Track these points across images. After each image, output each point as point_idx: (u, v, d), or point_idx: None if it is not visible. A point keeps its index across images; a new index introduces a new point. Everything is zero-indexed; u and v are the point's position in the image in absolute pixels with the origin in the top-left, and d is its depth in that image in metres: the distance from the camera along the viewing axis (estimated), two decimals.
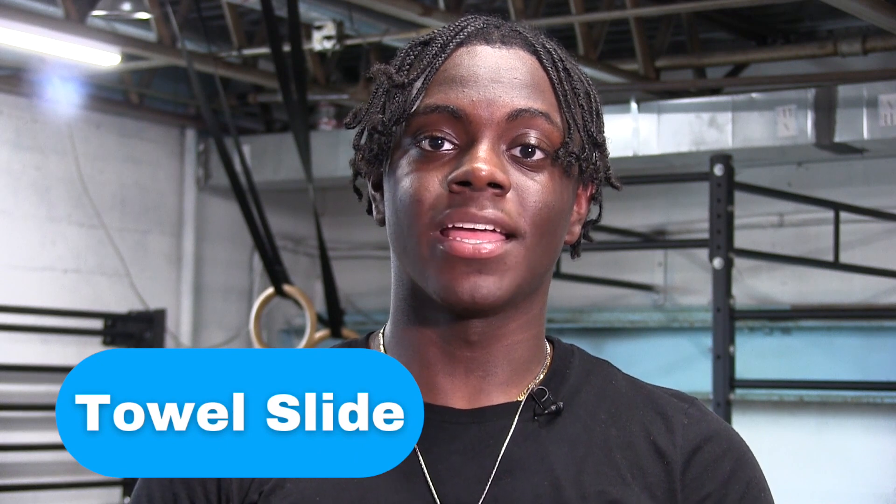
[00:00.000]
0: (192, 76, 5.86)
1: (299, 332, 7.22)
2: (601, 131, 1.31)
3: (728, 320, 5.07)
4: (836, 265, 5.90)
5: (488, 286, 1.22)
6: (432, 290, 1.23)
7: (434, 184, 1.23)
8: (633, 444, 1.28)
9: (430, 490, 1.24)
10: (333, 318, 6.06)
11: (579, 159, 1.27)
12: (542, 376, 1.31)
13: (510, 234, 1.23)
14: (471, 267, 1.21)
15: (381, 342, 1.33)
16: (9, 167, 6.82)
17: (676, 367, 6.90)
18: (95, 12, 6.07)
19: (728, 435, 1.32)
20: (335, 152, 7.17)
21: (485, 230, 1.21)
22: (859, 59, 6.14)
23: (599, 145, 1.31)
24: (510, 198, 1.23)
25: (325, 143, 7.22)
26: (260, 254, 6.23)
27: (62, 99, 6.86)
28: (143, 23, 6.34)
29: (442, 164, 1.24)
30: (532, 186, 1.24)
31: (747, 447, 1.32)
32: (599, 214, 1.37)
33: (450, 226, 1.22)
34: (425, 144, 1.24)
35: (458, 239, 1.21)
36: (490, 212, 1.21)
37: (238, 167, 6.04)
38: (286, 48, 5.59)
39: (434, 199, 1.23)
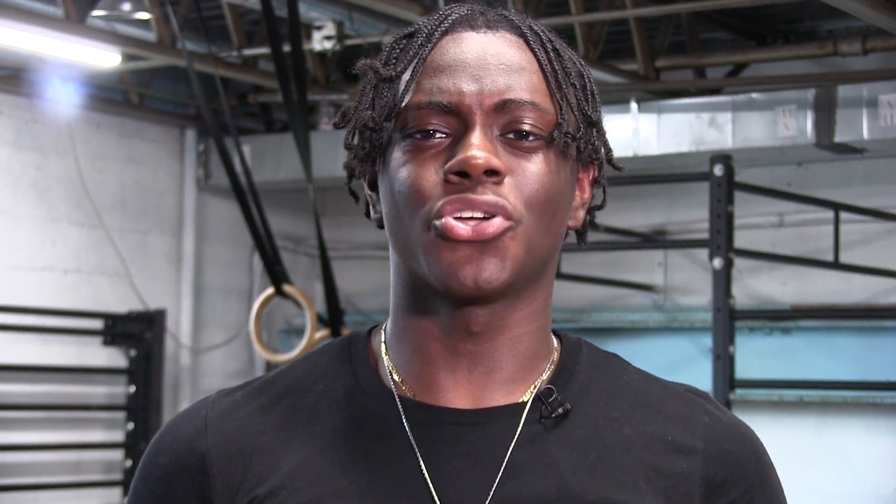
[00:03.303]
0: (192, 76, 5.87)
1: (299, 332, 7.22)
2: (596, 110, 1.28)
3: (728, 320, 5.07)
4: (836, 265, 5.91)
5: (490, 269, 1.19)
6: (434, 277, 1.21)
7: (430, 173, 1.21)
8: (648, 444, 1.25)
9: (432, 494, 1.21)
10: (333, 318, 6.06)
11: (575, 139, 1.24)
12: (548, 372, 1.28)
13: (510, 219, 1.20)
14: (472, 249, 1.19)
15: (383, 339, 1.30)
16: (9, 167, 6.81)
17: (676, 367, 6.89)
18: (95, 12, 6.07)
19: (748, 435, 1.30)
20: (335, 152, 7.17)
21: (484, 217, 1.19)
22: (859, 59, 6.14)
23: (595, 124, 1.28)
24: (507, 183, 1.20)
25: (325, 143, 7.22)
26: (260, 254, 6.24)
27: (62, 99, 6.86)
28: (143, 23, 6.34)
29: (436, 153, 1.21)
30: (528, 168, 1.21)
31: (762, 445, 1.31)
32: (604, 199, 1.34)
33: (449, 215, 1.19)
34: (417, 136, 1.22)
35: (459, 221, 1.19)
36: (489, 197, 1.19)
37: (238, 167, 6.04)
38: (286, 48, 5.60)
39: (431, 189, 1.20)
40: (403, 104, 1.23)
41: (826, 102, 5.91)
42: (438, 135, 1.22)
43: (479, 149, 1.19)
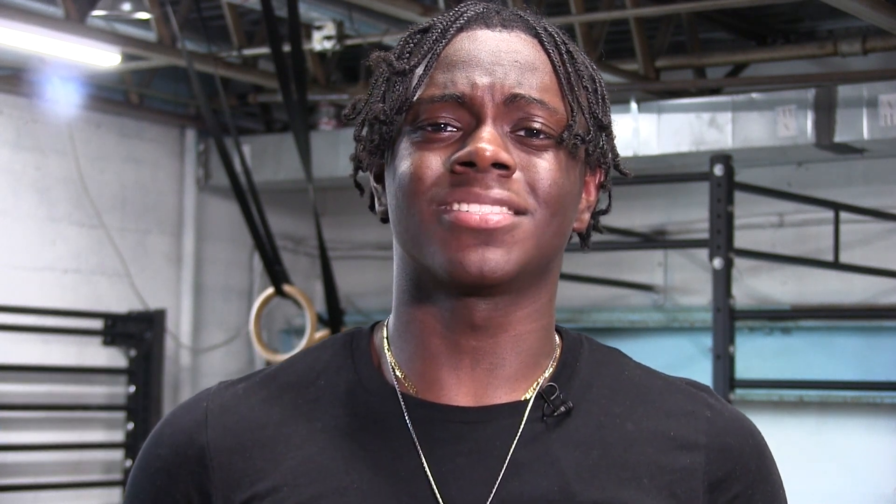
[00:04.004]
0: (192, 76, 5.87)
1: (299, 332, 7.22)
2: (607, 114, 1.29)
3: (728, 320, 5.07)
4: (836, 265, 5.90)
5: (496, 259, 1.19)
6: (438, 266, 1.20)
7: (436, 163, 1.21)
8: (651, 439, 1.25)
9: (434, 493, 1.21)
10: (333, 318, 6.05)
11: (585, 141, 1.25)
12: (550, 370, 1.28)
13: (519, 212, 1.20)
14: (478, 238, 1.18)
15: (385, 335, 1.30)
16: (9, 167, 6.81)
17: (676, 367, 6.89)
18: (95, 12, 6.07)
19: (750, 429, 1.31)
20: (335, 152, 7.17)
21: (491, 210, 1.19)
22: (859, 59, 6.14)
23: (605, 128, 1.28)
24: (517, 178, 1.20)
25: (325, 143, 7.22)
26: (260, 254, 6.23)
27: (62, 99, 6.86)
28: (143, 23, 6.34)
29: (445, 145, 1.21)
30: (540, 165, 1.21)
31: (763, 437, 1.31)
32: (609, 203, 1.34)
33: (454, 205, 1.19)
34: (428, 129, 1.22)
35: (465, 209, 1.19)
36: (497, 192, 1.19)
37: (238, 167, 6.04)
38: (286, 48, 5.59)
39: (436, 178, 1.20)
40: (416, 98, 1.23)
41: (826, 102, 5.91)
42: (449, 128, 1.22)
43: (489, 142, 1.19)
